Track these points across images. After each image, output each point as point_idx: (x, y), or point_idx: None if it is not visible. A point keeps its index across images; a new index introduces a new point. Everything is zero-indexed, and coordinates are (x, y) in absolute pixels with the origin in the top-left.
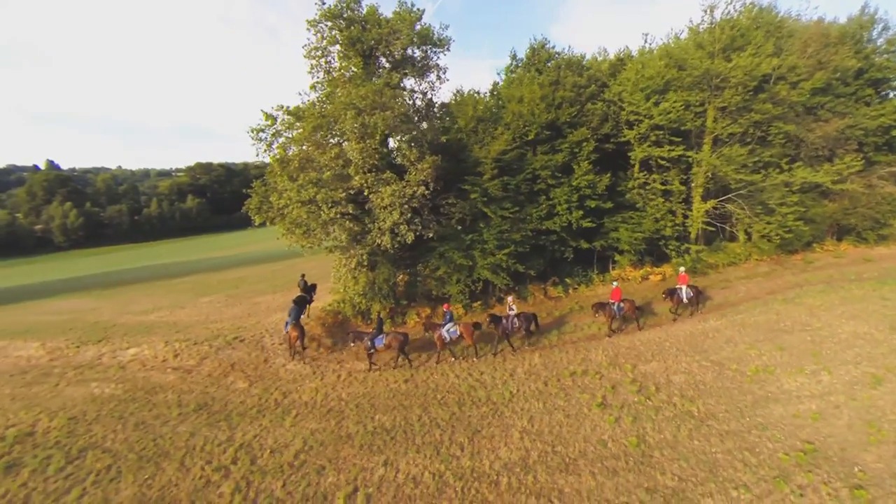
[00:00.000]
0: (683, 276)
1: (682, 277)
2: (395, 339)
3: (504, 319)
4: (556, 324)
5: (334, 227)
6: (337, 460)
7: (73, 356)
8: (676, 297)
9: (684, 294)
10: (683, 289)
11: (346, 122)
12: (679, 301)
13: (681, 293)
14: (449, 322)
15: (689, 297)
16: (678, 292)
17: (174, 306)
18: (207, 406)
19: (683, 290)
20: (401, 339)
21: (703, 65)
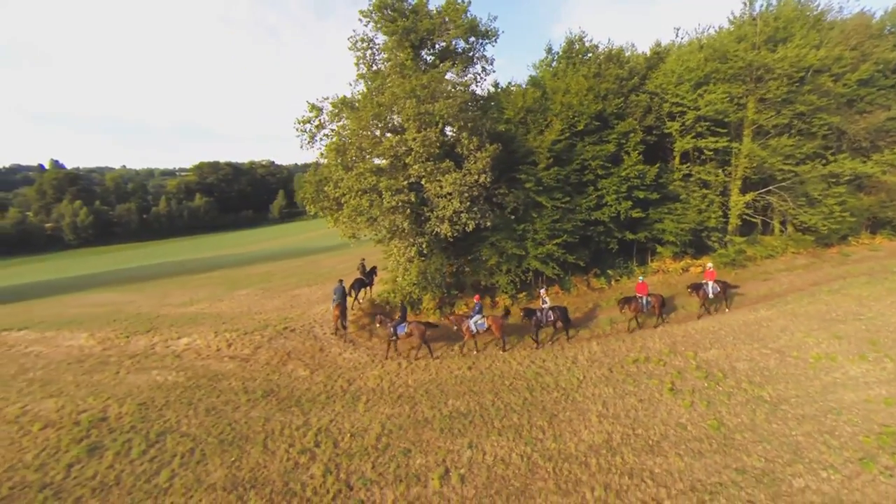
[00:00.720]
0: (711, 272)
1: (710, 273)
2: (417, 328)
3: (538, 312)
4: (605, 314)
5: (396, 215)
6: (420, 443)
7: (125, 346)
8: (703, 292)
9: (710, 289)
10: (710, 284)
11: (406, 111)
12: (705, 296)
13: (707, 288)
14: (477, 314)
15: (716, 291)
16: (704, 287)
17: (212, 299)
18: (274, 393)
19: (710, 286)
20: (422, 329)
21: (747, 56)
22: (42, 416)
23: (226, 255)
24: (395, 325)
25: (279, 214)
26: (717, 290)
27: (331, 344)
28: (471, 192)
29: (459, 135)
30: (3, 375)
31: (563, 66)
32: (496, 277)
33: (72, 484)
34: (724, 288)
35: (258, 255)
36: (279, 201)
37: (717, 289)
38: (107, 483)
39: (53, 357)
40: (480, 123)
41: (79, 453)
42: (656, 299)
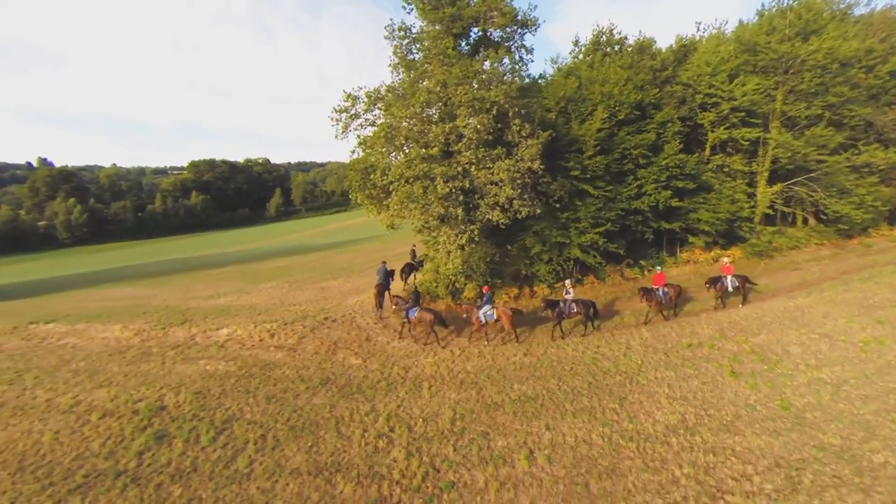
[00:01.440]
0: (728, 267)
1: (727, 268)
2: (426, 314)
3: (561, 304)
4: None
5: (449, 201)
6: (496, 426)
7: (164, 337)
8: (721, 286)
9: (729, 283)
10: (728, 278)
11: (459, 96)
12: (723, 290)
13: (725, 281)
14: (486, 304)
15: (735, 286)
16: (722, 281)
17: (238, 292)
18: (332, 381)
19: (728, 279)
20: (431, 317)
21: (780, 48)
22: (98, 406)
23: (232, 251)
24: (408, 308)
25: (276, 213)
26: (736, 285)
27: (377, 333)
28: (523, 180)
29: (510, 121)
30: (46, 367)
31: (599, 58)
32: (536, 266)
33: (147, 471)
34: (742, 282)
35: (266, 251)
36: (276, 199)
37: (735, 283)
38: (183, 469)
39: (91, 348)
40: (532, 110)
41: (146, 441)
42: (674, 290)
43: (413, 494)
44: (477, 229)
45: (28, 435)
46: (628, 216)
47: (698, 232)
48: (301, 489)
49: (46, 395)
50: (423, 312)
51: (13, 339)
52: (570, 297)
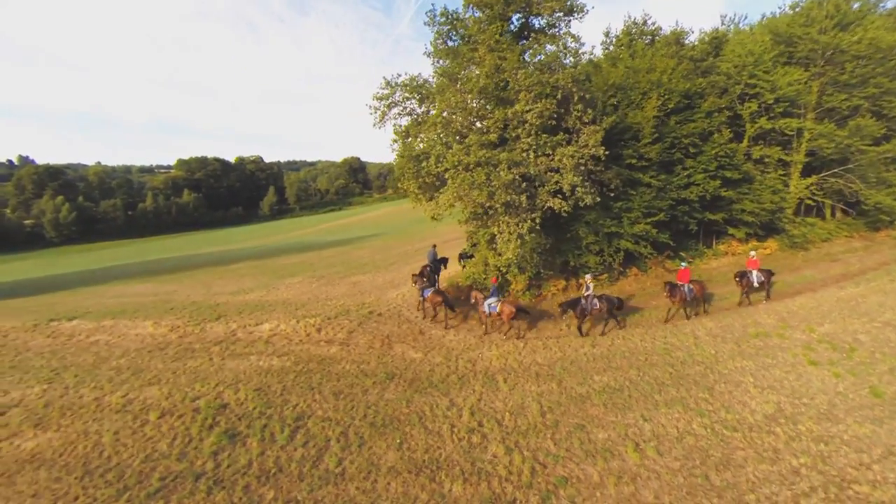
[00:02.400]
0: (754, 261)
1: (753, 262)
2: (437, 296)
3: (582, 300)
4: None
5: (511, 188)
6: (590, 418)
7: (202, 333)
8: (747, 281)
9: (754, 278)
10: (753, 273)
11: (519, 81)
12: (749, 284)
13: (751, 276)
14: (493, 296)
15: (760, 280)
16: (748, 276)
17: (264, 287)
18: (398, 375)
19: (754, 274)
20: (440, 299)
21: (821, 38)
22: (153, 405)
23: (238, 248)
24: (423, 287)
25: (269, 211)
26: (762, 279)
27: (429, 327)
28: (586, 167)
29: (572, 107)
30: (83, 364)
31: (641, 47)
32: (585, 257)
33: (229, 472)
34: (767, 277)
35: (274, 248)
36: (269, 197)
37: (760, 278)
38: (267, 470)
39: (127, 345)
40: (595, 95)
41: (217, 440)
42: (698, 287)
43: (526, 491)
44: (538, 217)
45: (85, 436)
46: (676, 206)
47: (740, 223)
48: (406, 489)
49: (93, 394)
50: (434, 294)
51: (37, 336)
52: (591, 293)
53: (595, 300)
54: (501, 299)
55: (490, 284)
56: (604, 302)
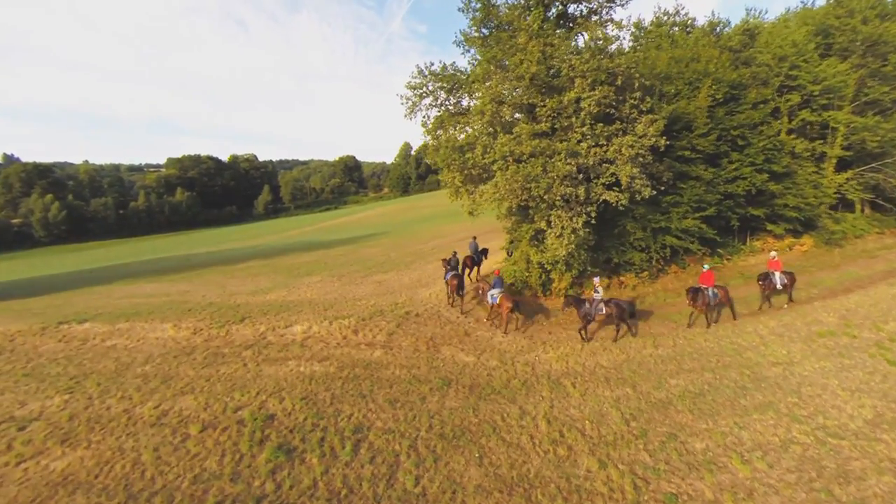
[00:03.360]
0: (776, 262)
1: (775, 263)
2: (455, 278)
3: (587, 304)
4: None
5: (567, 181)
6: (679, 426)
7: (228, 336)
8: (769, 283)
9: (777, 280)
10: (777, 274)
11: (575, 67)
12: (772, 287)
13: (773, 278)
14: (495, 287)
15: (784, 283)
16: (771, 277)
17: (283, 287)
18: (454, 381)
19: (777, 276)
20: (455, 283)
21: (864, 29)
22: (191, 416)
23: (241, 247)
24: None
25: (264, 210)
26: (784, 282)
27: (473, 328)
28: (645, 158)
29: (629, 94)
30: (104, 372)
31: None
32: (629, 254)
33: (293, 495)
34: (790, 280)
35: (280, 246)
36: (264, 196)
37: (783, 280)
38: (337, 491)
39: (149, 350)
40: (652, 83)
41: (272, 457)
42: (723, 291)
43: None
44: (594, 211)
45: (121, 454)
46: (723, 201)
47: (780, 219)
48: None
49: (122, 405)
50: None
51: (47, 340)
52: (599, 297)
53: (602, 305)
54: (503, 292)
55: (493, 277)
56: (612, 307)
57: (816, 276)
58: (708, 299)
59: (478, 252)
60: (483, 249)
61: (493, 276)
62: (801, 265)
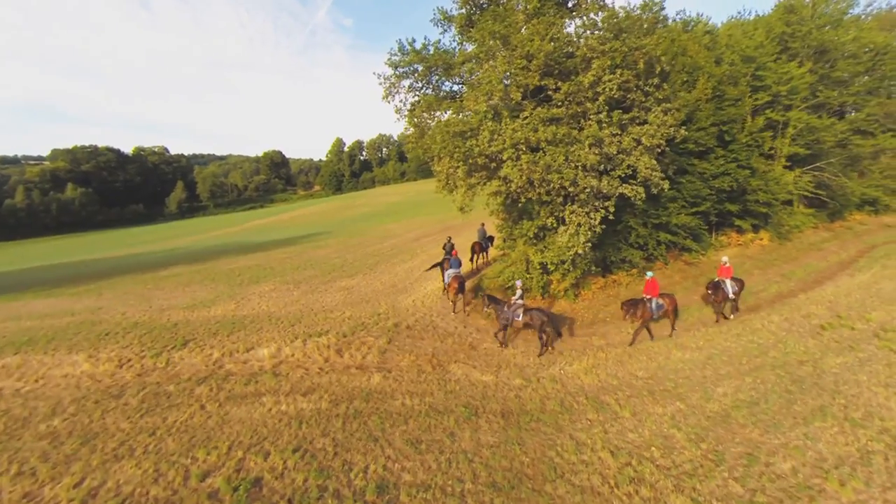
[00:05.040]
0: (728, 269)
1: (726, 270)
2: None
3: (506, 307)
4: None
5: (589, 172)
6: (750, 443)
7: (170, 368)
8: (722, 293)
9: (730, 288)
10: (728, 282)
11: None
12: (725, 297)
13: (726, 287)
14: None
15: (735, 291)
16: (723, 286)
17: (229, 298)
18: (481, 408)
19: (728, 284)
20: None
21: (821, 36)
22: (135, 496)
23: (159, 250)
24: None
25: (178, 209)
26: (736, 290)
27: (477, 339)
28: (662, 149)
29: (646, 80)
30: None
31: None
32: (625, 252)
33: None
34: (740, 288)
35: (207, 249)
36: (178, 194)
37: (735, 288)
38: None
39: (56, 395)
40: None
41: None
42: (670, 302)
43: None
44: (612, 206)
45: None
46: (715, 196)
47: (748, 214)
48: None
49: (20, 488)
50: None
51: None
52: (520, 302)
53: (520, 312)
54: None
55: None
56: (531, 317)
57: (784, 268)
58: (650, 312)
59: (485, 238)
60: (490, 237)
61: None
62: (765, 259)
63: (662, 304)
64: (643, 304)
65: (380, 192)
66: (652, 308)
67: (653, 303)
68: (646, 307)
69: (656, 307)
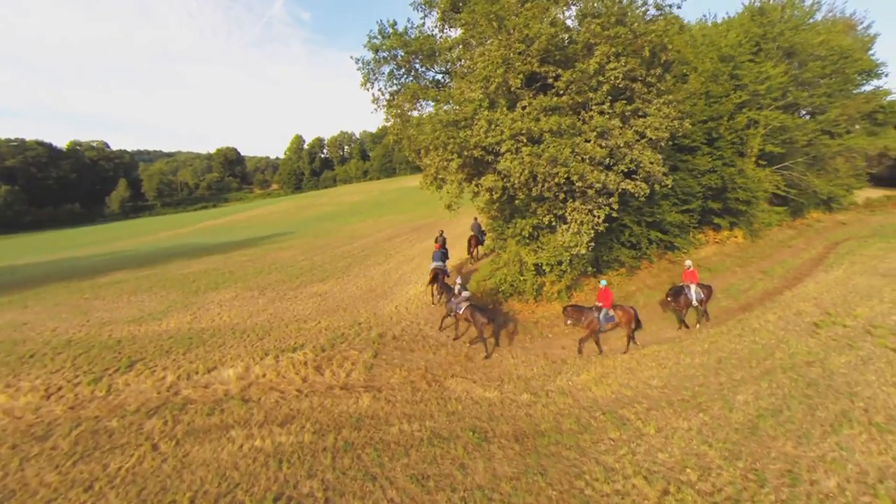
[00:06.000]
0: (692, 273)
1: (691, 274)
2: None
3: (453, 298)
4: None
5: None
6: (788, 458)
7: (112, 397)
8: (685, 299)
9: (693, 294)
10: (692, 288)
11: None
12: (687, 304)
13: (689, 294)
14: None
15: (700, 298)
16: (686, 293)
17: (183, 308)
18: (491, 431)
19: (692, 290)
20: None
21: (792, 38)
22: None
23: (100, 254)
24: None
25: (121, 208)
26: (701, 296)
27: (475, 349)
28: (667, 143)
29: (649, 71)
30: None
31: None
32: (616, 252)
33: None
34: (707, 294)
35: (157, 252)
36: (120, 192)
37: (700, 294)
38: None
39: None
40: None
41: None
42: (624, 314)
43: None
44: (616, 203)
45: None
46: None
47: (726, 212)
48: None
49: None
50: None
51: None
52: (464, 295)
53: (463, 305)
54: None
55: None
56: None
57: (763, 265)
58: (598, 323)
59: (481, 232)
60: (484, 231)
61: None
62: (742, 256)
63: (613, 317)
64: (589, 313)
65: (342, 191)
66: (599, 318)
67: (602, 313)
68: (593, 317)
69: (604, 318)
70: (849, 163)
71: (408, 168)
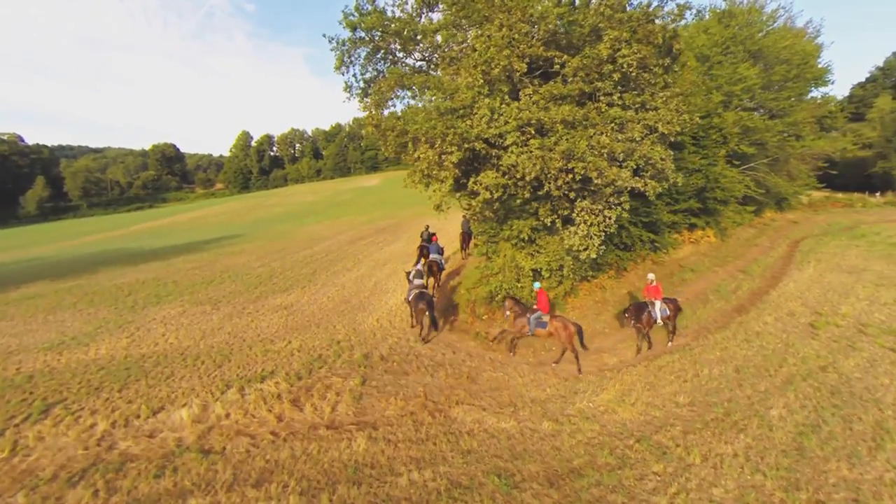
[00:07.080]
0: (655, 288)
1: (654, 289)
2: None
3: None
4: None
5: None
6: (848, 484)
7: (19, 459)
8: (648, 318)
9: (658, 312)
10: (657, 304)
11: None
12: (650, 323)
13: (653, 311)
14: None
15: (665, 315)
16: (650, 311)
17: (117, 328)
18: (517, 473)
19: (657, 307)
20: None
21: (761, 41)
22: None
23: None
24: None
25: (38, 209)
26: (667, 314)
27: (478, 366)
28: (675, 138)
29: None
30: None
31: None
32: (611, 254)
33: None
34: (675, 311)
35: (82, 259)
36: (38, 191)
37: (666, 311)
38: None
39: None
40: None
41: None
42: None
43: None
44: (627, 202)
45: None
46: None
47: (701, 213)
48: None
49: None
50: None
51: None
52: (416, 283)
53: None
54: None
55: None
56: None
57: (738, 264)
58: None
59: (470, 229)
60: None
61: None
62: (717, 256)
63: (545, 324)
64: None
65: (294, 191)
66: (530, 321)
67: (534, 315)
68: (525, 318)
69: (535, 323)
70: (805, 164)
71: (363, 167)
